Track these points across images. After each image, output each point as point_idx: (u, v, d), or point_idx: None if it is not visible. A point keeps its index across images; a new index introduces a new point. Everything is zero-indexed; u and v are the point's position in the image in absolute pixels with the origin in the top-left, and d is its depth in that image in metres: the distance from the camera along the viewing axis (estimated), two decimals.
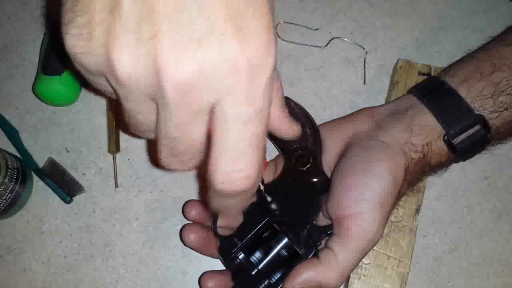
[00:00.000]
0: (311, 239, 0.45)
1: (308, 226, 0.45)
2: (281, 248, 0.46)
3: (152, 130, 0.30)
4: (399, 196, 0.44)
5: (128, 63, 0.25)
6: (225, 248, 0.46)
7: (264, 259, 0.46)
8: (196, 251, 0.49)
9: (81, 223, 0.53)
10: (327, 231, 0.45)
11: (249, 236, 0.46)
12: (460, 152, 0.44)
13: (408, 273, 0.49)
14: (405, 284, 0.49)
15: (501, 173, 0.55)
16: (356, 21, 0.59)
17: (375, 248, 0.49)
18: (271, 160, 0.52)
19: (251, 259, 0.46)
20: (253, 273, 0.45)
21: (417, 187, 0.50)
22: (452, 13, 0.60)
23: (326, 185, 0.46)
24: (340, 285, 0.43)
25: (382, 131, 0.45)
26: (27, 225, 0.53)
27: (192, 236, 0.47)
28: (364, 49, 0.58)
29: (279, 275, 0.45)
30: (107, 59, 0.25)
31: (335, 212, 0.43)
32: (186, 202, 0.50)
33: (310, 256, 0.44)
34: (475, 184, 0.55)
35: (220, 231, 0.47)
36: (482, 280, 0.53)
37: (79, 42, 0.26)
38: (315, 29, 0.59)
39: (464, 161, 0.47)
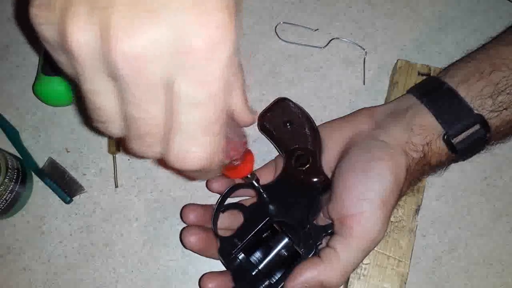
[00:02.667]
0: (311, 239, 0.45)
1: (308, 226, 0.45)
2: (281, 248, 0.46)
3: (112, 120, 0.29)
4: (400, 195, 0.44)
5: (79, 32, 0.24)
6: (225, 249, 0.46)
7: (265, 259, 0.46)
8: (197, 253, 0.49)
9: (81, 223, 0.53)
10: (328, 231, 0.45)
11: (249, 236, 0.46)
12: (460, 152, 0.45)
13: (407, 273, 0.49)
14: (405, 284, 0.49)
15: (500, 173, 0.55)
16: (355, 22, 0.59)
17: (375, 248, 0.49)
18: (272, 161, 0.52)
19: (251, 259, 0.46)
20: (253, 273, 0.45)
21: (416, 187, 0.51)
22: (452, 14, 0.60)
23: (325, 185, 0.46)
24: (342, 284, 0.43)
25: (382, 130, 0.45)
26: (27, 225, 0.53)
27: (193, 238, 0.47)
28: (363, 49, 0.58)
29: (280, 275, 0.45)
30: (61, 29, 0.25)
31: (337, 212, 0.43)
32: (184, 207, 0.50)
33: (310, 256, 0.44)
34: (475, 184, 0.55)
35: (220, 232, 0.47)
36: (482, 280, 0.53)
37: (41, 12, 0.26)
38: (315, 30, 0.59)
39: (464, 160, 0.47)
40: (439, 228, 0.54)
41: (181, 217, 0.50)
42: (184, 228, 0.48)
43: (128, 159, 0.55)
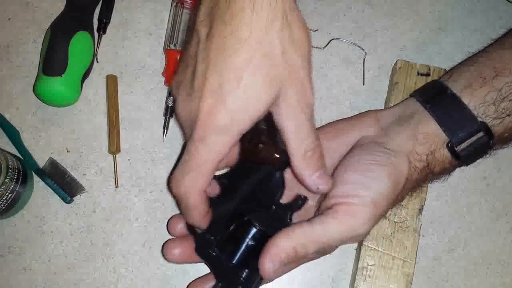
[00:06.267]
0: (278, 218, 0.44)
1: (274, 206, 0.44)
2: (251, 235, 0.44)
3: None
4: (396, 202, 0.44)
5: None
6: (200, 247, 0.45)
7: (239, 249, 0.44)
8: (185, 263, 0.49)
9: (82, 223, 0.53)
10: (296, 205, 0.44)
11: (221, 231, 0.45)
12: (463, 159, 0.45)
13: (413, 273, 0.49)
14: (411, 284, 0.49)
15: (500, 173, 0.56)
16: (355, 22, 0.60)
17: (379, 249, 0.50)
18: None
19: (226, 253, 0.44)
20: (231, 265, 0.44)
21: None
22: (451, 14, 0.60)
23: (283, 160, 0.43)
24: (315, 254, 0.42)
25: (388, 138, 0.45)
26: (27, 225, 0.53)
27: (177, 250, 0.46)
28: (363, 49, 0.58)
29: (257, 261, 0.44)
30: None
31: (328, 202, 0.42)
32: (170, 219, 0.49)
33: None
34: (474, 184, 0.55)
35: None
36: (481, 280, 0.53)
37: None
38: (315, 30, 0.59)
39: (467, 165, 0.47)
40: (439, 228, 0.54)
41: (168, 230, 0.49)
42: (165, 242, 0.47)
43: (128, 159, 0.55)
